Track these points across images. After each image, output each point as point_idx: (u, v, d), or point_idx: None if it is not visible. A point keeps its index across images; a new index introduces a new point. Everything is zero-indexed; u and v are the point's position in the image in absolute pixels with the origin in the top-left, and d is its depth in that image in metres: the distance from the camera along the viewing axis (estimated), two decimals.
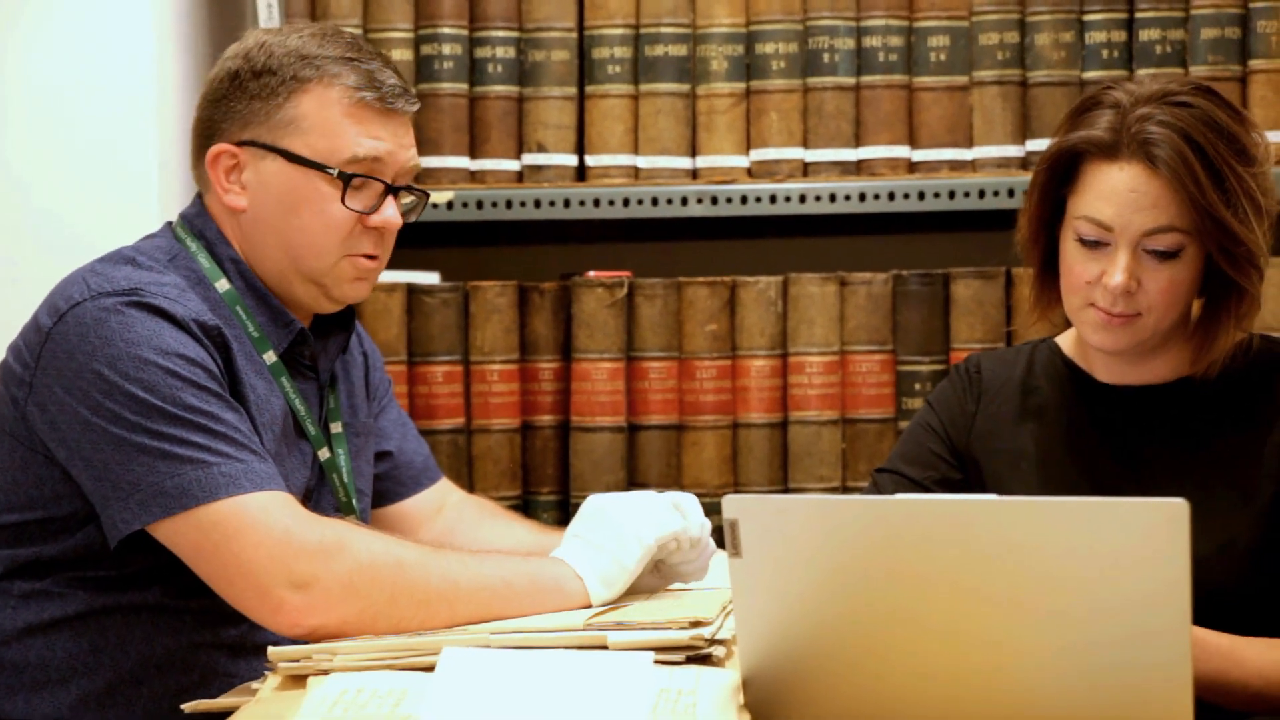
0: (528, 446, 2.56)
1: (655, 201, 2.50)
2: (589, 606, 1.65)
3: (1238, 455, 1.79)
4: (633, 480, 2.54)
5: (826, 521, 1.32)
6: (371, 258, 1.82)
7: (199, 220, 1.83)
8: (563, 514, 2.55)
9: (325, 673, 1.48)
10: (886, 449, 2.50)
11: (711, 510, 2.41)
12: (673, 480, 2.52)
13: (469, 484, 2.51)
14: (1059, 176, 1.78)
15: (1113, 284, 1.73)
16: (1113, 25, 2.49)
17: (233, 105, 1.80)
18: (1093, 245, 1.75)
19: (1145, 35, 2.48)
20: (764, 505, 1.34)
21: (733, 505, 1.33)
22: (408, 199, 1.86)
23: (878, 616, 1.32)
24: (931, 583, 1.30)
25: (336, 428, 1.90)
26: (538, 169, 2.54)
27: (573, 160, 2.54)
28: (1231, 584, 1.75)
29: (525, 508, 2.54)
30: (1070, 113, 1.81)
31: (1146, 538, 1.25)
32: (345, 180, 1.77)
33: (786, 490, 2.53)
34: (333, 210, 1.78)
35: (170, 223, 1.87)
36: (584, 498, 2.48)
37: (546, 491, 2.55)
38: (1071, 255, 1.77)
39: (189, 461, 1.62)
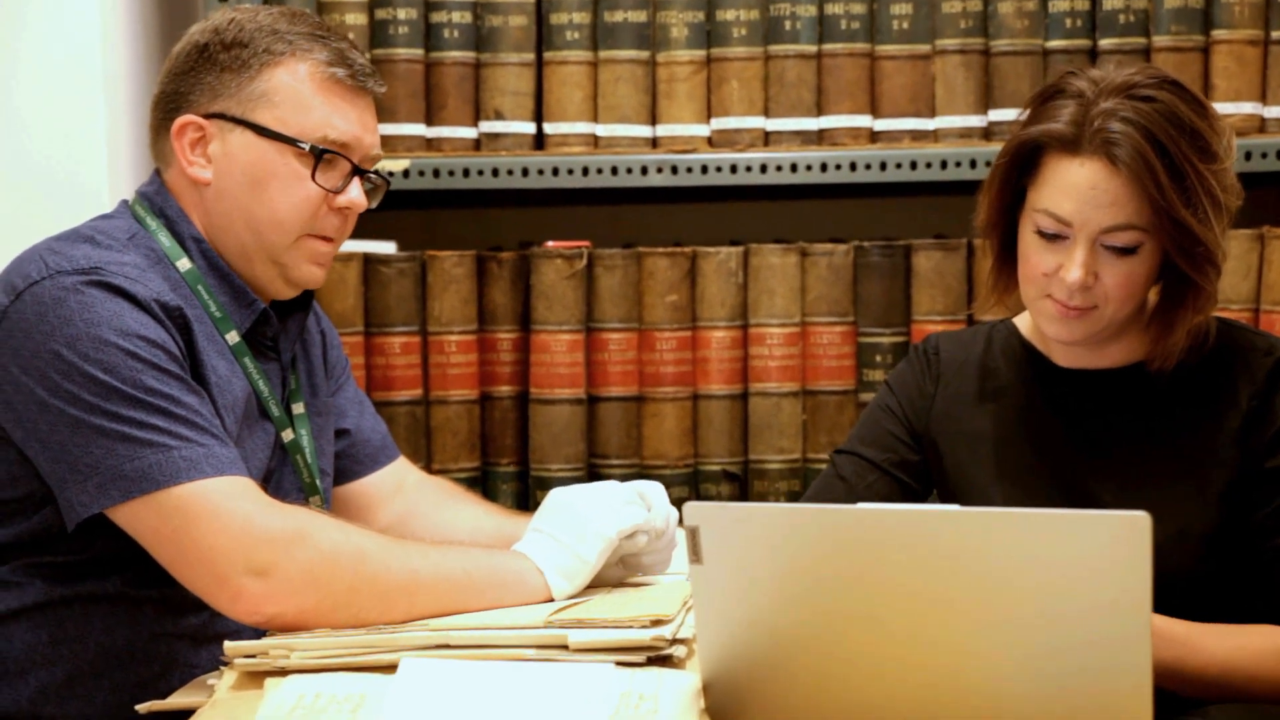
0: (486, 418, 2.54)
1: (615, 171, 2.48)
2: (550, 600, 1.65)
3: (1194, 441, 1.80)
4: (592, 452, 2.53)
5: (787, 529, 1.32)
6: (328, 240, 1.82)
7: (158, 197, 1.80)
8: (522, 485, 2.54)
9: (282, 672, 1.47)
10: (847, 421, 2.49)
11: (670, 483, 2.43)
12: (633, 452, 2.51)
13: (427, 456, 2.50)
14: (1020, 166, 1.77)
15: (1070, 279, 1.72)
16: None
17: (201, 77, 1.78)
18: (1051, 238, 1.74)
19: (1109, 4, 2.46)
20: (724, 512, 1.33)
21: (693, 512, 1.33)
22: (367, 184, 1.85)
23: (838, 624, 1.32)
24: (891, 591, 1.30)
25: (299, 408, 1.88)
26: (495, 136, 2.51)
27: (531, 128, 2.51)
28: (1187, 570, 1.76)
29: (484, 479, 2.53)
30: (1033, 98, 1.79)
31: (1108, 549, 1.25)
32: (317, 156, 1.76)
33: (746, 461, 2.53)
34: (302, 186, 1.77)
35: (126, 201, 1.84)
36: (543, 469, 2.50)
37: (506, 463, 2.54)
38: (1030, 246, 1.76)
39: (149, 445, 1.60)
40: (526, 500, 2.52)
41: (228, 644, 1.51)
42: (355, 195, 1.81)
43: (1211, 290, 1.76)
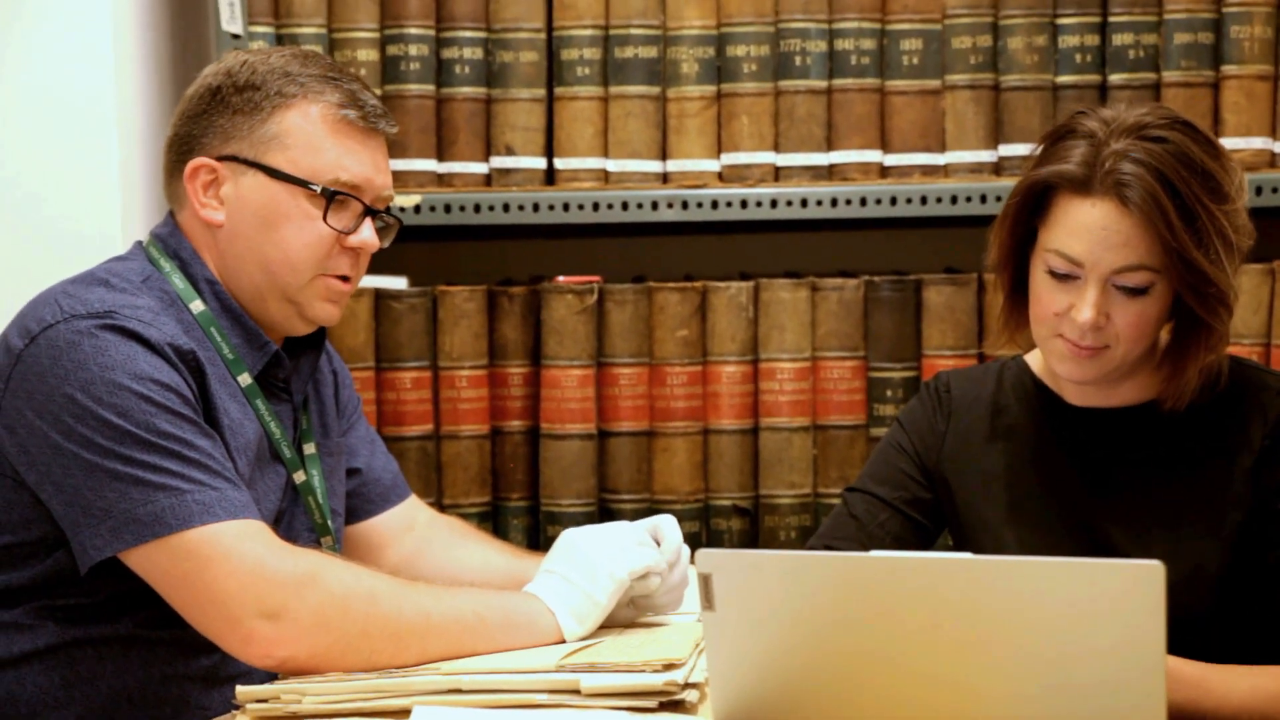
0: (497, 453, 2.54)
1: (625, 206, 2.48)
2: (561, 641, 1.65)
3: (1207, 480, 1.79)
4: (603, 487, 2.53)
5: (800, 576, 1.32)
6: (344, 279, 1.82)
7: (172, 239, 1.81)
8: (533, 520, 2.54)
9: (294, 717, 1.47)
10: (858, 456, 2.49)
11: (680, 518, 2.42)
12: (643, 486, 2.51)
13: (438, 491, 2.50)
14: (1031, 207, 1.77)
15: (1081, 319, 1.72)
16: (1086, 29, 2.48)
17: (213, 120, 1.78)
18: (1062, 278, 1.74)
19: (1118, 40, 2.47)
20: (737, 560, 1.33)
21: (706, 559, 1.32)
22: (379, 223, 1.85)
23: (852, 672, 1.32)
24: (904, 640, 1.29)
25: (310, 449, 1.88)
26: (506, 172, 2.52)
27: (541, 163, 2.52)
28: (1201, 610, 1.75)
29: (495, 514, 2.53)
30: (1044, 138, 1.79)
31: (1122, 597, 1.25)
32: (329, 198, 1.77)
33: (757, 496, 2.53)
34: (314, 227, 1.78)
35: (140, 242, 1.85)
36: (554, 504, 2.50)
37: (516, 498, 2.54)
38: (1041, 286, 1.76)
39: (162, 489, 1.60)
40: (537, 535, 2.52)
41: (239, 688, 1.52)
42: (367, 236, 1.82)
43: (1223, 330, 1.76)
